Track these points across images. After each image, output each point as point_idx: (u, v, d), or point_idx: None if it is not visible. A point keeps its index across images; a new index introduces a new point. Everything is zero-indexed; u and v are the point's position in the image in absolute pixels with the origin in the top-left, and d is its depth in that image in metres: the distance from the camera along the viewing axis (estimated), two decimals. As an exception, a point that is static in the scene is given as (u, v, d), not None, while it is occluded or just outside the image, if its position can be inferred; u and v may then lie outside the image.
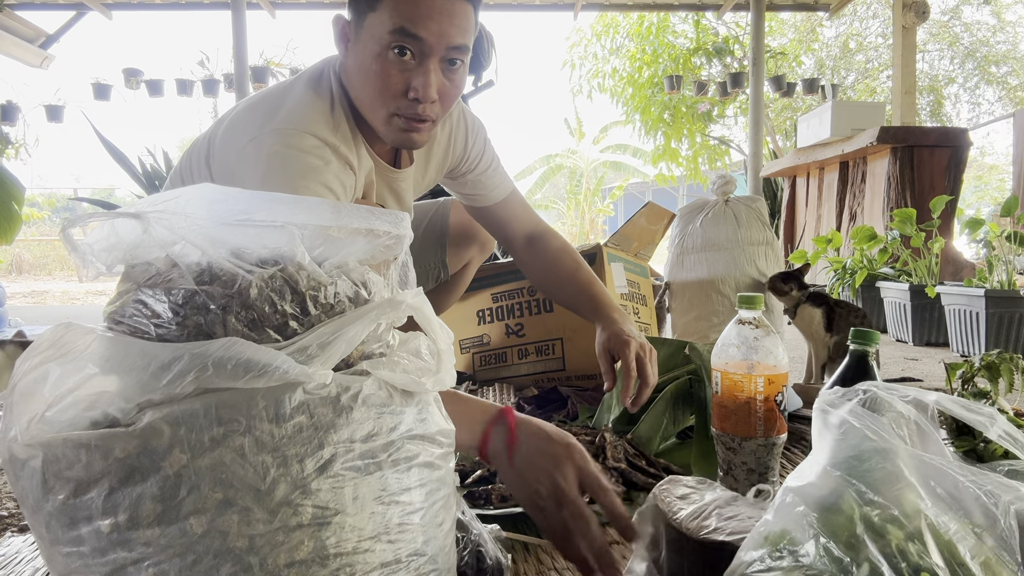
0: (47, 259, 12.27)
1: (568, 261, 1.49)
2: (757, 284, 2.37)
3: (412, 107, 1.13)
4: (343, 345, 0.59)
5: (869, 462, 0.55)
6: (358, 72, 1.14)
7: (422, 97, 1.11)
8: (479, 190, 1.49)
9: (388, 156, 1.32)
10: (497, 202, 1.51)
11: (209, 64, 6.84)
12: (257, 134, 1.12)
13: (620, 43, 8.94)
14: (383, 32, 1.08)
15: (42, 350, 0.59)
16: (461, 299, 2.04)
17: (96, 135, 3.59)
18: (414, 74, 1.11)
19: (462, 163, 1.46)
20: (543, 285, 1.53)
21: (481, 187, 1.49)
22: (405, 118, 1.14)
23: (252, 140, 1.12)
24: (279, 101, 1.16)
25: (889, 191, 4.26)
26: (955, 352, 2.96)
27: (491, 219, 1.54)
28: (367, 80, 1.13)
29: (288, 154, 1.10)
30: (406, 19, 1.06)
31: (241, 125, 1.17)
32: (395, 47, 1.08)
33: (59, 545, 0.57)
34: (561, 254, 1.49)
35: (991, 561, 0.51)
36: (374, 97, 1.14)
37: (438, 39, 1.08)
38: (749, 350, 0.96)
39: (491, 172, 1.49)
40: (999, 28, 11.91)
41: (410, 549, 0.62)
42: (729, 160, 9.35)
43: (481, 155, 1.47)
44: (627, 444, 1.22)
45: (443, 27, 1.08)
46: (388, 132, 1.18)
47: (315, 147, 1.12)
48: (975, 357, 1.27)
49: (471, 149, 1.46)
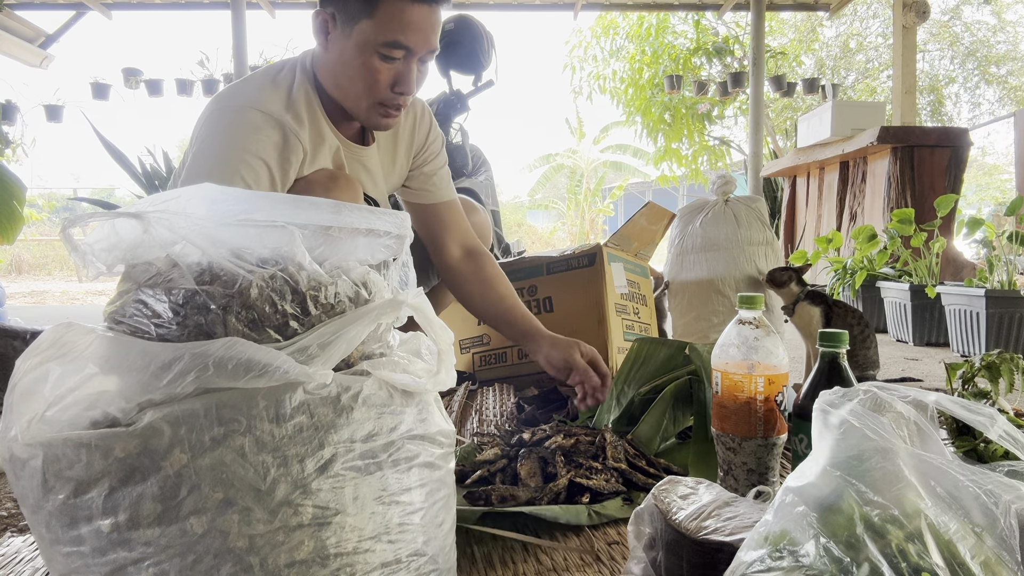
0: (47, 259, 12.26)
1: (504, 283, 1.59)
2: (757, 284, 2.37)
3: (395, 99, 1.31)
4: (343, 345, 0.59)
5: (869, 462, 0.55)
6: (342, 66, 1.28)
7: (407, 91, 1.30)
8: (428, 186, 1.61)
9: (354, 136, 1.44)
10: (441, 202, 1.62)
11: (209, 64, 6.83)
12: (213, 109, 1.28)
13: (620, 44, 8.94)
14: (377, 40, 1.23)
15: (42, 350, 0.59)
16: (461, 299, 2.04)
17: (96, 135, 3.59)
18: (400, 73, 1.28)
19: (420, 153, 1.59)
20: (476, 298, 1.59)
21: (430, 184, 1.61)
22: (386, 106, 1.31)
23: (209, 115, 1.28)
24: (243, 84, 1.32)
25: (889, 191, 4.26)
26: (955, 352, 2.96)
27: (432, 219, 1.61)
28: (354, 75, 1.27)
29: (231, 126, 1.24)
30: (399, 33, 1.23)
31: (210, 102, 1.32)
32: (386, 54, 1.24)
33: (59, 545, 0.57)
34: (499, 276, 1.59)
35: (991, 561, 0.51)
36: (361, 90, 1.29)
37: (422, 46, 1.26)
38: (749, 350, 0.96)
39: (442, 173, 1.62)
40: (999, 28, 11.90)
41: (410, 549, 0.62)
42: (729, 160, 9.35)
43: (437, 155, 1.61)
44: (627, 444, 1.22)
45: (427, 36, 1.26)
46: (368, 117, 1.34)
47: (260, 121, 1.25)
48: (975, 357, 1.28)
49: (431, 144, 1.59)
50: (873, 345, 2.00)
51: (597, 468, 1.11)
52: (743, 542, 0.57)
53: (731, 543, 0.67)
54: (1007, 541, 0.52)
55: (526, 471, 1.09)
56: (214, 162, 1.21)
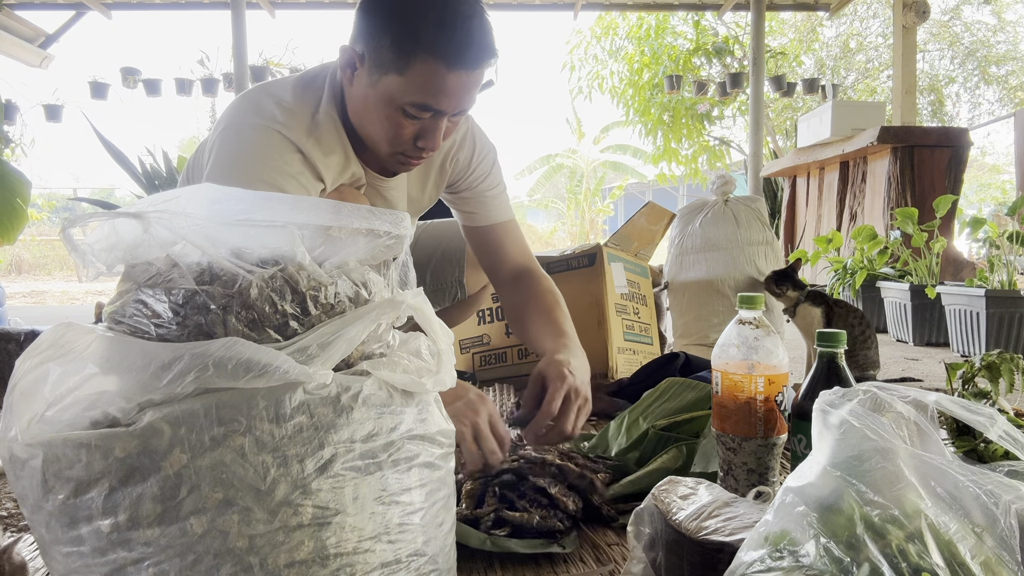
0: (47, 259, 12.26)
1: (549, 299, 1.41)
2: (757, 284, 2.37)
3: (418, 152, 1.19)
4: (343, 345, 0.59)
5: (869, 462, 0.55)
6: (365, 110, 1.17)
7: (430, 149, 1.18)
8: (478, 208, 1.48)
9: (377, 166, 1.33)
10: (495, 223, 1.49)
11: (209, 63, 6.83)
12: (232, 121, 1.18)
13: (620, 45, 8.94)
14: (403, 99, 1.10)
15: (42, 350, 0.59)
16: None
17: (96, 135, 3.59)
18: (426, 129, 1.15)
19: (464, 178, 1.46)
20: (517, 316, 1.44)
21: (481, 206, 1.48)
22: (407, 155, 1.20)
23: (227, 127, 1.18)
24: (266, 97, 1.20)
25: (889, 191, 4.27)
26: (955, 352, 2.96)
27: (485, 241, 1.50)
28: (376, 123, 1.16)
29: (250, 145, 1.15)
30: (430, 97, 1.10)
31: (228, 110, 1.23)
32: (413, 113, 1.12)
33: (59, 545, 0.57)
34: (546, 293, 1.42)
35: (991, 561, 0.51)
36: (381, 138, 1.18)
37: (455, 108, 1.13)
38: (749, 350, 0.96)
39: (494, 193, 1.49)
40: (999, 28, 11.90)
41: (410, 549, 0.62)
42: (729, 160, 9.35)
43: (486, 176, 1.47)
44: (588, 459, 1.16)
45: (461, 100, 1.12)
46: (388, 161, 1.24)
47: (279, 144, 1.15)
48: (975, 357, 1.27)
49: (476, 167, 1.46)
50: (874, 345, 2.00)
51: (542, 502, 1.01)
52: (743, 542, 0.57)
53: (731, 543, 0.67)
54: (1007, 541, 0.52)
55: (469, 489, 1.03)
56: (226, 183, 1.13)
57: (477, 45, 1.08)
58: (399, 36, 1.07)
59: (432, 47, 1.06)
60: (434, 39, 1.06)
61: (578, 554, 0.94)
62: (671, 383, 1.39)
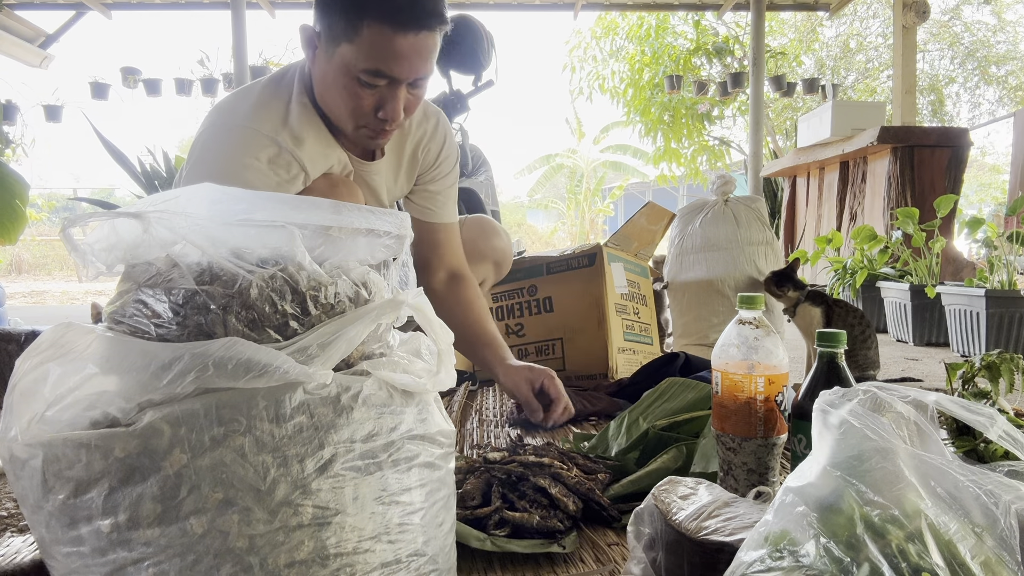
0: (47, 259, 12.26)
1: (478, 309, 1.56)
2: (757, 284, 2.37)
3: (380, 124, 1.23)
4: (343, 345, 0.59)
5: (869, 462, 0.55)
6: (326, 87, 1.22)
7: (391, 119, 1.21)
8: (434, 205, 1.55)
9: (360, 150, 1.38)
10: (445, 223, 1.57)
11: (209, 63, 6.83)
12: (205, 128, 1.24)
13: (620, 45, 8.93)
14: (357, 67, 1.15)
15: (42, 350, 0.59)
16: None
17: (96, 135, 3.59)
18: (384, 99, 1.20)
19: (429, 171, 1.53)
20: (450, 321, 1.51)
21: (438, 203, 1.56)
22: (372, 129, 1.24)
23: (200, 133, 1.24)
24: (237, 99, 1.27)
25: (889, 191, 4.26)
26: (955, 352, 2.96)
27: (431, 238, 1.57)
28: (337, 97, 1.21)
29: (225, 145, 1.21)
30: (380, 62, 1.14)
31: (205, 117, 1.29)
32: (367, 81, 1.16)
33: (59, 545, 0.57)
34: (474, 301, 1.56)
35: (991, 561, 0.51)
36: (343, 112, 1.22)
37: (408, 74, 1.17)
38: (749, 350, 0.96)
39: (448, 192, 1.57)
40: (999, 28, 11.89)
41: (410, 549, 0.62)
42: (729, 160, 9.34)
43: (448, 174, 1.55)
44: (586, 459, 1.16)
45: (413, 64, 1.16)
46: (356, 138, 1.29)
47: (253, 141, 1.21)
48: (975, 357, 1.27)
49: (442, 162, 1.53)
50: (874, 345, 2.00)
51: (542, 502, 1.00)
52: (743, 542, 0.57)
53: (731, 543, 0.67)
54: (1007, 541, 0.52)
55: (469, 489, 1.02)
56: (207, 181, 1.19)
57: (421, 7, 1.13)
58: (347, 5, 1.13)
59: (378, 11, 1.11)
60: (379, 3, 1.11)
61: (578, 554, 0.94)
62: (671, 383, 1.40)
